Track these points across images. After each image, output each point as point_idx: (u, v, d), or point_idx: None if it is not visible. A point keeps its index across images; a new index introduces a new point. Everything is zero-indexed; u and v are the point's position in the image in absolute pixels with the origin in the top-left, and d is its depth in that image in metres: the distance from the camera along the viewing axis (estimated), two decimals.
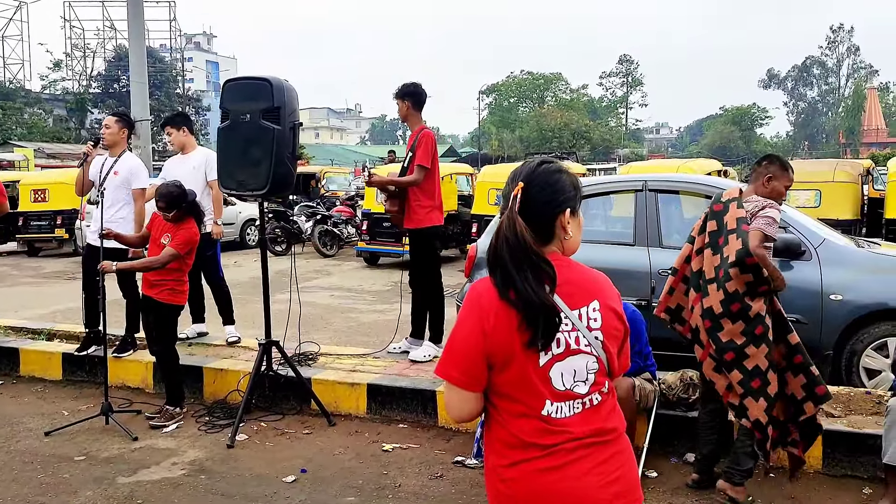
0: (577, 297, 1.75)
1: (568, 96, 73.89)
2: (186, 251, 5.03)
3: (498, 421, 1.78)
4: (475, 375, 1.74)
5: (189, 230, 5.04)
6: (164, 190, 5.05)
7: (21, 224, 15.21)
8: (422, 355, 5.70)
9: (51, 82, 61.60)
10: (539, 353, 1.71)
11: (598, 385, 1.77)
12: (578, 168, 15.75)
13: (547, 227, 1.78)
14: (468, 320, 1.74)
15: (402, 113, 5.80)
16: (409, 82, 5.76)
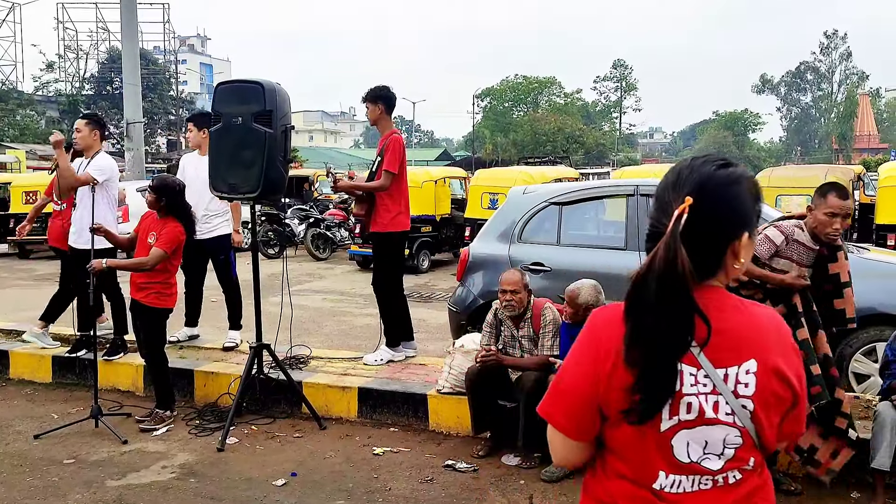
0: (726, 352, 1.34)
1: (562, 100, 73.99)
2: (173, 249, 5.02)
3: (599, 474, 1.46)
4: (583, 424, 1.41)
5: (174, 229, 5.03)
6: (162, 176, 5.08)
7: (12, 226, 15.14)
8: (374, 359, 5.72)
9: (44, 84, 61.36)
10: (661, 415, 1.34)
11: (740, 461, 1.37)
12: (571, 172, 15.79)
13: (714, 256, 1.37)
14: (582, 359, 1.40)
15: (373, 116, 5.67)
16: (379, 85, 5.68)
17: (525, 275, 4.56)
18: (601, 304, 4.22)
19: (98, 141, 6.07)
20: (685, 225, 1.30)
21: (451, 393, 4.89)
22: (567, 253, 5.59)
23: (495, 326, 4.64)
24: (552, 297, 4.68)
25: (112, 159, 6.14)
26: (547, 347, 4.41)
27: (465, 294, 5.84)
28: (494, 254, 5.76)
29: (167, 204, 5.07)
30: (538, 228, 5.79)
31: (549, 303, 4.55)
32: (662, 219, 1.35)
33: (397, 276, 5.82)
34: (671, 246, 1.29)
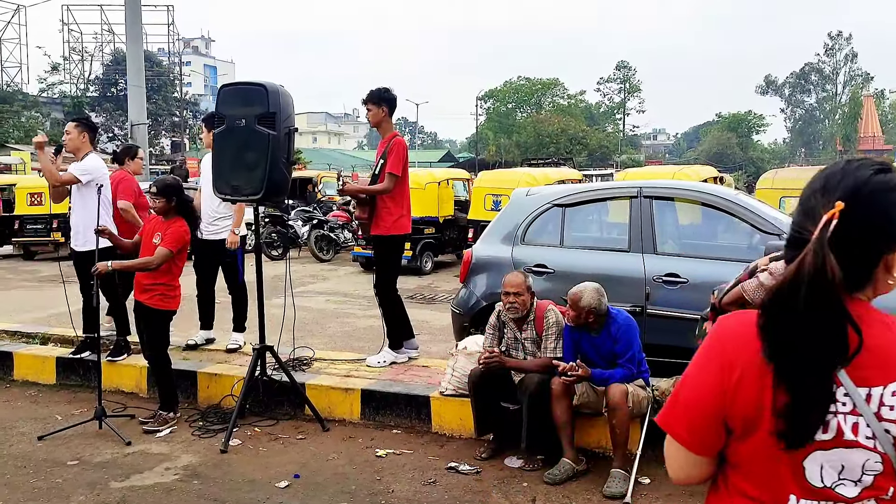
0: (871, 371, 1.23)
1: (565, 102, 73.98)
2: (178, 249, 5.02)
3: (722, 492, 1.38)
4: (706, 438, 1.33)
5: (179, 228, 5.04)
6: (160, 178, 5.10)
7: (17, 227, 15.19)
8: (377, 361, 5.73)
9: (49, 86, 61.54)
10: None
11: (878, 490, 1.26)
12: (575, 174, 15.78)
13: (865, 268, 1.27)
14: (706, 368, 1.32)
15: (375, 119, 5.64)
16: (381, 87, 5.65)
17: (528, 277, 4.56)
18: (603, 306, 4.22)
19: (87, 143, 6.04)
20: (834, 232, 1.20)
21: (454, 395, 4.89)
22: (570, 255, 5.58)
23: (498, 328, 4.64)
24: (555, 299, 4.68)
25: (100, 161, 6.12)
26: (550, 350, 4.40)
27: (468, 296, 5.83)
28: (497, 256, 5.75)
29: (176, 203, 5.09)
30: (541, 230, 5.78)
31: (553, 305, 4.55)
32: (807, 224, 1.26)
33: (394, 278, 5.83)
34: (819, 253, 1.20)
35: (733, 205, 5.26)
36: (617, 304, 4.59)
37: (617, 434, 4.10)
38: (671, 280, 5.03)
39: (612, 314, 4.26)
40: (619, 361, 4.19)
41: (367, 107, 5.67)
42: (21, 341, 6.78)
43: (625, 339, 4.19)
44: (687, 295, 4.99)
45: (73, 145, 6.01)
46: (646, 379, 4.35)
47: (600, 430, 4.43)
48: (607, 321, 4.25)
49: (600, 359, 4.27)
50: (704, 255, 5.21)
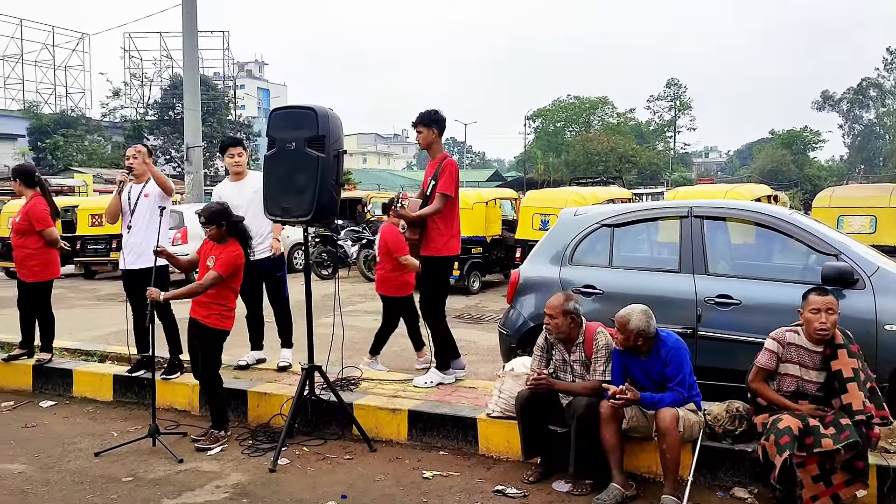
0: None
1: (614, 120, 73.45)
2: (229, 272, 5.12)
3: None
4: None
5: (232, 252, 5.13)
6: (206, 206, 5.19)
7: (78, 247, 15.70)
8: (423, 382, 5.71)
9: (110, 110, 63.75)
10: None
11: None
12: (624, 193, 15.63)
13: None
14: None
15: (426, 141, 5.69)
16: (430, 109, 5.69)
17: (569, 300, 4.50)
18: (652, 329, 4.15)
19: (151, 165, 6.28)
20: None
21: (502, 417, 4.85)
22: (619, 275, 5.51)
23: (546, 350, 4.60)
24: (604, 321, 4.62)
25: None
26: (599, 373, 4.34)
27: (516, 317, 5.81)
28: (545, 276, 5.72)
29: (228, 228, 5.19)
30: (590, 250, 5.73)
31: (602, 327, 4.49)
32: None
33: (442, 300, 5.84)
34: None
35: (788, 224, 5.13)
36: (667, 326, 4.52)
37: (667, 459, 4.01)
38: (723, 301, 4.93)
39: (662, 337, 4.19)
40: (670, 385, 4.10)
41: (417, 129, 5.71)
42: (80, 359, 6.99)
43: (675, 362, 4.11)
44: (740, 317, 4.89)
45: (140, 169, 6.20)
46: (697, 403, 4.25)
47: (650, 454, 4.34)
48: (657, 344, 4.18)
49: (650, 382, 4.19)
50: (758, 277, 5.09)
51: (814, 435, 3.75)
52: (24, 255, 6.61)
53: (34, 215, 6.52)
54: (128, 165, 6.22)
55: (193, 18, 16.59)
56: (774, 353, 4.05)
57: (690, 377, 4.19)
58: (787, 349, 4.03)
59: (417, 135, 5.75)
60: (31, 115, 55.98)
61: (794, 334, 4.05)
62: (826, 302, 3.93)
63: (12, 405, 6.27)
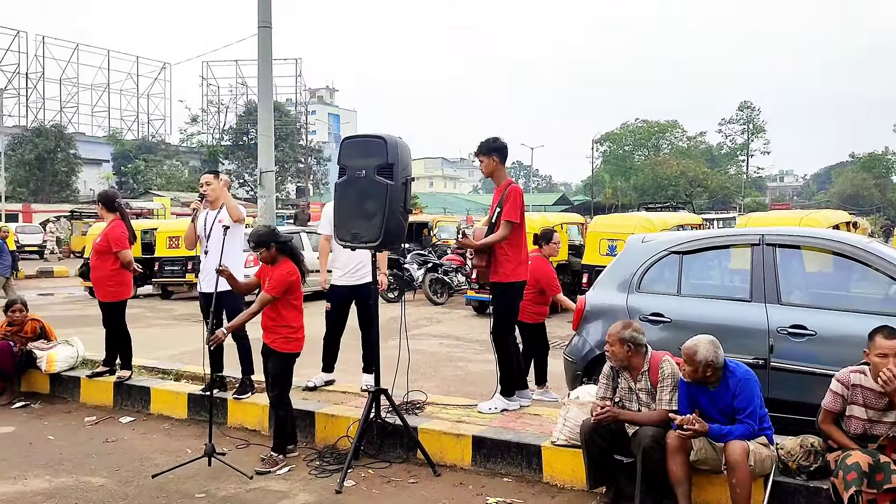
0: None
1: (684, 144, 72.28)
2: (282, 292, 5.19)
3: None
4: None
5: (282, 272, 5.22)
6: (253, 231, 5.36)
7: (156, 269, 16.32)
8: (488, 408, 5.70)
9: (188, 136, 66.30)
10: None
11: None
12: (694, 218, 15.34)
13: None
14: None
15: (489, 169, 5.75)
16: (491, 137, 5.74)
17: (632, 327, 4.45)
18: (720, 359, 4.07)
19: (226, 191, 6.52)
20: None
21: (567, 445, 4.82)
22: (688, 304, 5.42)
23: (612, 378, 4.56)
24: (672, 350, 4.55)
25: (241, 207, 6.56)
26: (665, 402, 4.27)
27: (582, 344, 5.77)
28: (612, 303, 5.67)
29: (277, 249, 5.30)
30: (657, 278, 5.66)
31: (668, 356, 4.43)
32: None
33: (512, 325, 5.85)
34: None
35: (865, 253, 4.97)
36: (738, 357, 4.42)
37: (737, 493, 3.91)
38: (798, 332, 4.79)
39: (731, 367, 4.11)
40: (739, 417, 4.01)
41: (479, 158, 5.79)
42: (157, 377, 7.25)
43: (744, 393, 4.02)
44: (815, 348, 4.75)
45: (215, 195, 6.45)
46: (769, 437, 4.14)
47: (720, 487, 4.24)
48: (725, 374, 4.09)
49: (719, 414, 4.11)
50: (835, 307, 4.93)
51: (884, 471, 3.62)
52: (100, 275, 6.98)
53: (112, 238, 6.87)
54: (201, 192, 6.47)
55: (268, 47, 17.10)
56: (839, 394, 3.93)
57: (761, 409, 4.09)
58: (853, 391, 3.91)
59: (480, 164, 5.83)
60: (115, 141, 58.77)
61: (860, 375, 3.92)
62: (893, 347, 3.74)
63: (95, 420, 6.55)
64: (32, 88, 60.55)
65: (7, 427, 6.35)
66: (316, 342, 6.66)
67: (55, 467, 5.31)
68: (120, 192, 53.34)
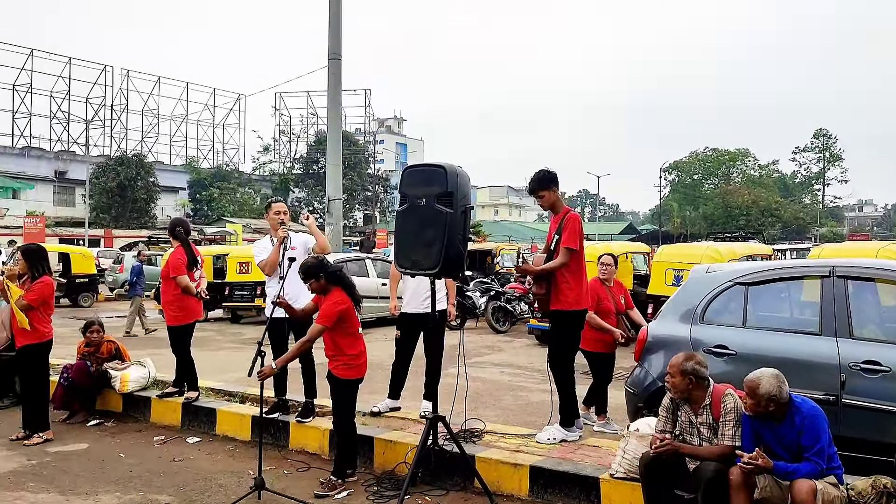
0: None
1: (756, 172, 70.48)
2: (333, 322, 5.23)
3: None
4: None
5: (332, 301, 5.27)
6: (302, 263, 5.45)
7: (227, 293, 16.80)
8: (546, 438, 5.62)
9: (260, 164, 68.25)
10: None
11: None
12: (764, 249, 14.92)
13: None
14: None
15: (548, 201, 5.77)
16: (538, 172, 5.76)
17: (694, 359, 4.35)
18: (785, 394, 3.94)
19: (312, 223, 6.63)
20: None
21: (626, 478, 4.73)
22: (754, 336, 5.28)
23: (672, 411, 4.47)
24: (737, 383, 4.43)
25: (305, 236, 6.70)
26: (728, 437, 4.16)
27: (643, 375, 5.67)
28: (674, 334, 5.57)
29: (326, 279, 5.36)
30: (722, 309, 5.54)
31: (731, 389, 4.31)
32: None
33: (572, 354, 5.81)
34: None
35: None
36: (807, 392, 4.28)
37: None
38: (871, 368, 4.60)
39: (797, 403, 3.98)
40: (806, 455, 3.87)
41: (536, 196, 5.84)
42: (223, 399, 7.45)
43: (811, 430, 3.88)
44: (891, 385, 4.54)
45: (287, 222, 6.63)
46: (838, 476, 3.97)
47: None
48: (791, 410, 3.96)
49: (784, 451, 3.97)
50: None
51: None
52: (166, 300, 7.35)
53: (171, 264, 7.24)
54: (280, 220, 6.55)
55: (338, 78, 17.58)
56: None
57: (830, 447, 3.93)
58: None
59: (539, 200, 5.85)
60: (191, 169, 60.98)
61: None
62: None
63: (163, 439, 6.76)
64: (116, 119, 63.53)
65: (82, 444, 6.62)
66: (382, 368, 6.74)
67: (125, 484, 5.50)
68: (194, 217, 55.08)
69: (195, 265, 7.38)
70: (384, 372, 6.74)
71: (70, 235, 40.25)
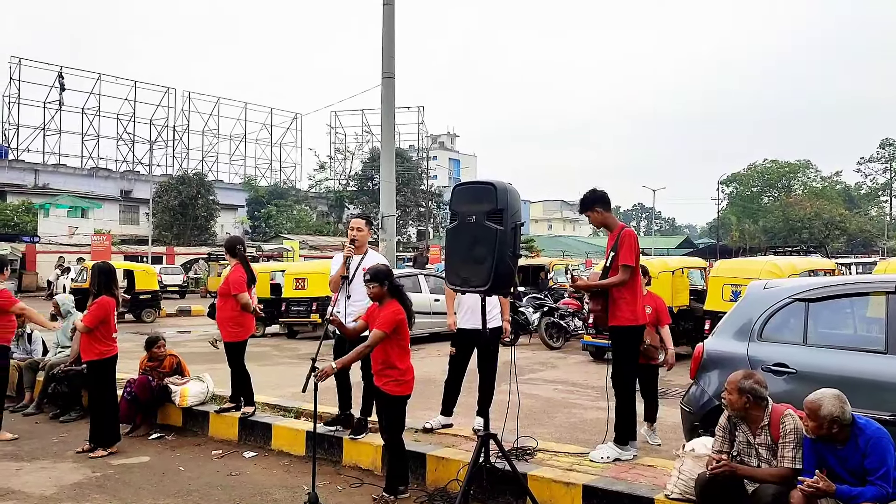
0: None
1: (819, 184, 68.49)
2: (392, 329, 5.28)
3: None
4: None
5: (390, 311, 5.32)
6: (372, 267, 5.53)
7: (283, 309, 17.09)
8: (600, 456, 5.53)
9: (316, 182, 69.42)
10: None
11: None
12: (826, 263, 14.48)
13: None
14: None
15: (597, 220, 5.79)
16: (587, 192, 5.78)
17: (753, 377, 4.25)
18: (847, 415, 3.82)
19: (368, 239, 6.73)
20: None
21: (681, 499, 4.63)
22: (815, 354, 5.12)
23: (729, 431, 4.36)
24: (797, 404, 4.30)
25: (380, 254, 6.76)
26: (788, 459, 4.04)
27: (699, 393, 5.55)
28: (731, 352, 5.44)
29: (389, 288, 5.42)
30: (782, 326, 5.39)
31: (791, 409, 4.19)
32: None
33: (631, 372, 5.75)
34: None
35: None
36: (872, 413, 4.13)
37: None
38: None
39: (860, 424, 3.84)
40: (871, 478, 3.73)
41: (587, 214, 5.85)
42: (279, 414, 7.56)
43: (876, 453, 3.74)
44: None
45: (363, 241, 6.64)
46: None
47: None
48: (854, 432, 3.83)
49: (849, 474, 3.84)
50: None
51: None
52: (223, 316, 7.43)
53: (231, 281, 7.34)
54: (351, 238, 6.57)
55: (391, 96, 17.79)
56: None
57: (894, 471, 3.78)
58: None
59: (590, 219, 5.88)
60: (249, 187, 62.41)
61: None
62: None
63: (221, 453, 6.90)
64: (178, 140, 65.55)
65: (143, 457, 6.80)
66: (434, 383, 6.75)
67: (184, 497, 5.63)
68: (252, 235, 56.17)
69: (253, 283, 7.55)
70: (437, 388, 6.75)
71: (134, 252, 41.59)
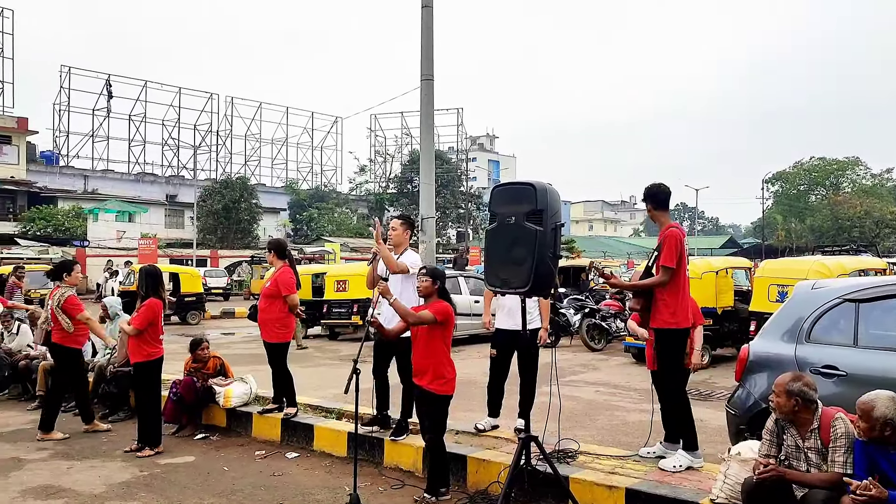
0: None
1: (869, 182, 66.67)
2: (443, 319, 5.35)
3: None
4: None
5: (441, 305, 5.42)
6: (431, 266, 5.63)
7: (325, 311, 17.24)
8: (671, 465, 5.38)
9: (357, 185, 69.98)
10: None
11: None
12: (877, 263, 14.08)
13: None
14: None
15: (651, 216, 5.80)
16: (651, 185, 5.72)
17: (802, 380, 4.13)
18: None
19: (407, 240, 6.74)
20: None
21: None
22: (867, 356, 4.98)
23: (776, 434, 4.26)
24: (848, 407, 4.19)
25: (418, 256, 6.78)
26: (839, 464, 3.93)
27: (745, 396, 5.44)
28: (778, 353, 5.32)
29: (439, 287, 5.51)
30: (831, 327, 5.25)
31: (842, 413, 4.07)
32: None
33: (680, 374, 5.62)
34: None
35: None
36: None
37: None
38: None
39: None
40: None
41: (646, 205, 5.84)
42: (321, 415, 7.61)
43: None
44: None
45: (398, 240, 6.68)
46: None
47: None
48: None
49: None
50: None
51: None
52: (268, 317, 7.43)
53: (283, 282, 7.35)
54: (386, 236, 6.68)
55: (430, 99, 17.80)
56: None
57: None
58: None
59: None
60: (291, 191, 63.14)
61: None
62: None
63: (264, 454, 6.98)
64: (221, 145, 66.65)
65: (188, 457, 6.92)
66: (476, 385, 6.74)
67: (228, 497, 5.71)
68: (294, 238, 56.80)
69: (299, 286, 7.62)
70: (479, 389, 6.74)
71: (179, 256, 42.37)
